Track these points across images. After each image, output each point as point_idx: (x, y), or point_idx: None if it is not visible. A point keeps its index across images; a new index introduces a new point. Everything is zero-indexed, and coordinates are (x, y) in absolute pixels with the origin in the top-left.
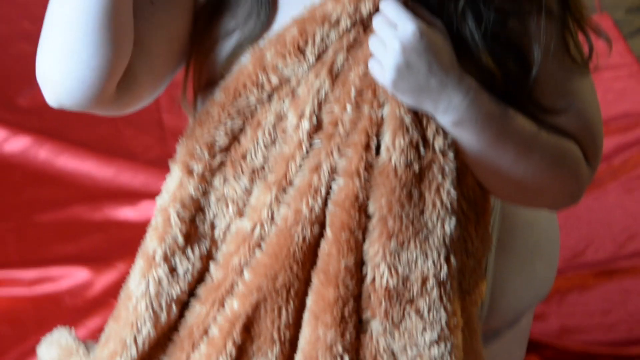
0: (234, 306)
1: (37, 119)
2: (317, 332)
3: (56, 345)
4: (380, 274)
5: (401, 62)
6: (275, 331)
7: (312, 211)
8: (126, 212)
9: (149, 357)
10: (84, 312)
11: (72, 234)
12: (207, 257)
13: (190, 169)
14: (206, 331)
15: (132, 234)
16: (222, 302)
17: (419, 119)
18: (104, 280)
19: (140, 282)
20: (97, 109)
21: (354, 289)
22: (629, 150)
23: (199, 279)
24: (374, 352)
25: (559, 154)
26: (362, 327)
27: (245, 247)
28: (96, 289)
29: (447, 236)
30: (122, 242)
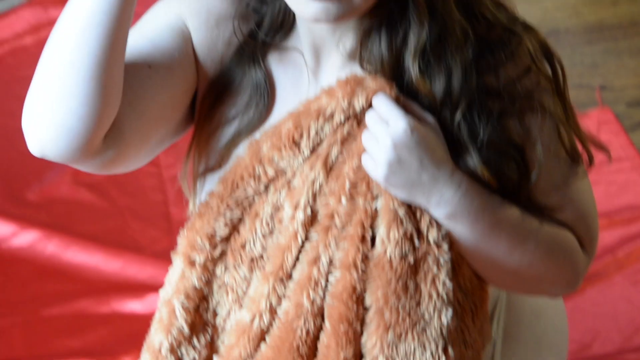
0: None
1: (45, 213)
2: None
3: None
4: None
5: (393, 157)
6: None
7: (313, 304)
8: (133, 305)
9: None
10: None
11: (79, 327)
12: (212, 345)
13: (192, 260)
14: None
15: (139, 327)
16: None
17: (412, 211)
18: None
19: None
20: (80, 162)
21: None
22: (634, 242)
23: None
24: None
25: (554, 243)
26: None
27: (245, 338)
28: None
29: (444, 327)
30: (129, 335)
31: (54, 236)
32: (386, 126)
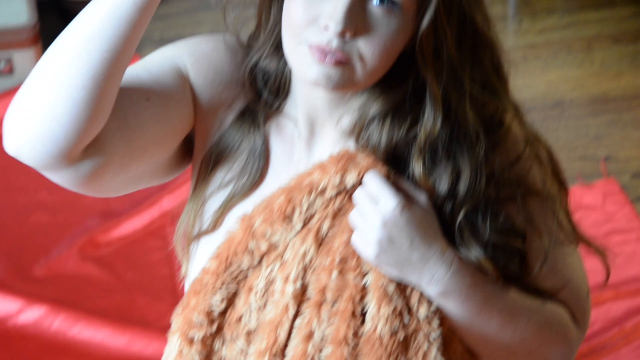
0: None
1: (52, 289)
2: None
3: None
4: None
5: (383, 236)
6: None
7: None
8: None
9: None
10: None
11: None
12: None
13: (190, 337)
14: None
15: None
16: None
17: (402, 287)
18: None
19: None
20: (53, 169)
21: None
22: None
23: None
24: None
25: (546, 318)
26: None
27: None
28: None
29: None
30: None
31: (61, 312)
32: (375, 205)
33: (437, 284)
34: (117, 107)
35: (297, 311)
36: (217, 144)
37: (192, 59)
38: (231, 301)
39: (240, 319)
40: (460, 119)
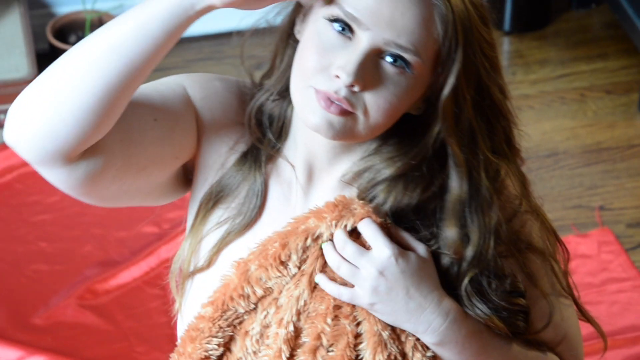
0: None
1: (51, 338)
2: None
3: None
4: None
5: (378, 285)
6: None
7: None
8: None
9: None
10: None
11: None
12: None
13: None
14: None
15: None
16: None
17: (397, 333)
18: None
19: None
20: (46, 166)
21: None
22: None
23: None
24: None
25: None
26: None
27: None
28: None
29: None
30: None
31: None
32: (369, 254)
33: (433, 334)
34: (124, 121)
35: (292, 355)
36: (218, 184)
37: (203, 93)
38: (227, 346)
39: None
40: (476, 183)
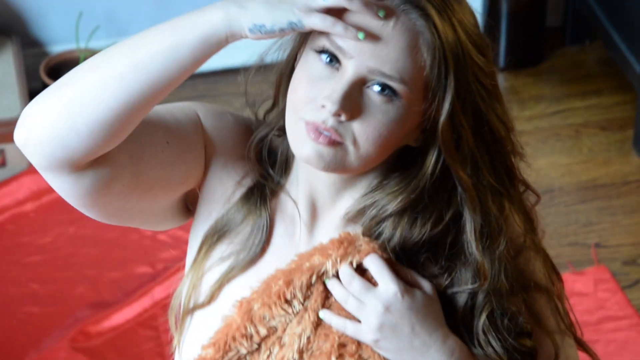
0: None
1: None
2: None
3: None
4: None
5: (384, 322)
6: None
7: None
8: None
9: None
10: None
11: None
12: None
13: None
14: None
15: None
16: None
17: None
18: None
19: None
20: (52, 172)
21: None
22: None
23: None
24: None
25: None
26: None
27: None
28: None
29: None
30: None
31: None
32: (375, 290)
33: None
34: (137, 139)
35: None
36: (223, 218)
37: (215, 124)
38: None
39: None
40: (484, 212)
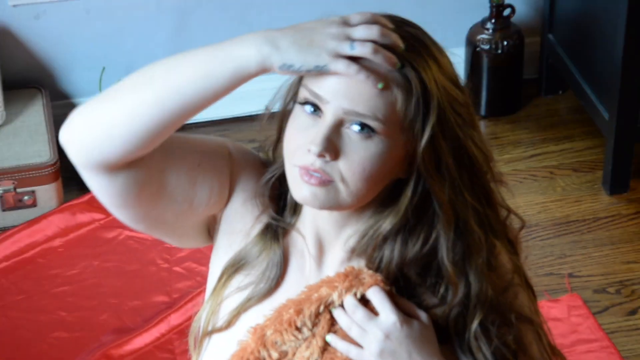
0: None
1: None
2: None
3: None
4: None
5: (384, 348)
6: None
7: None
8: None
9: None
10: None
11: None
12: None
13: None
14: None
15: None
16: None
17: None
18: None
19: None
20: (89, 171)
21: None
22: None
23: None
24: None
25: None
26: None
27: None
28: None
29: None
30: None
31: None
32: (376, 319)
33: None
34: (171, 154)
35: None
36: (241, 252)
37: (242, 160)
38: None
39: None
40: (466, 229)
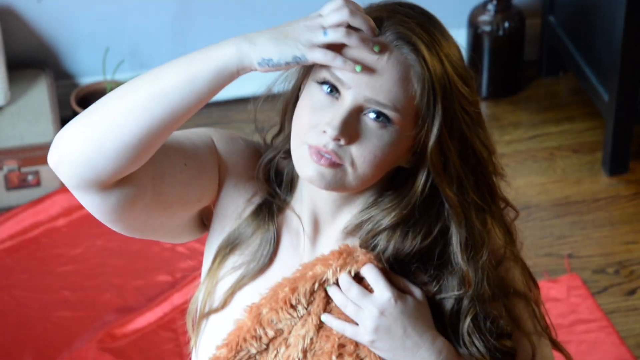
0: None
1: None
2: None
3: None
4: None
5: (379, 324)
6: None
7: None
8: None
9: None
10: None
11: None
12: None
13: None
14: None
15: None
16: None
17: None
18: None
19: None
20: (82, 191)
21: None
22: None
23: None
24: None
25: None
26: None
27: None
28: None
29: None
30: None
31: None
32: (370, 296)
33: None
34: (159, 162)
35: None
36: (235, 232)
37: (228, 148)
38: None
39: None
40: (469, 225)
